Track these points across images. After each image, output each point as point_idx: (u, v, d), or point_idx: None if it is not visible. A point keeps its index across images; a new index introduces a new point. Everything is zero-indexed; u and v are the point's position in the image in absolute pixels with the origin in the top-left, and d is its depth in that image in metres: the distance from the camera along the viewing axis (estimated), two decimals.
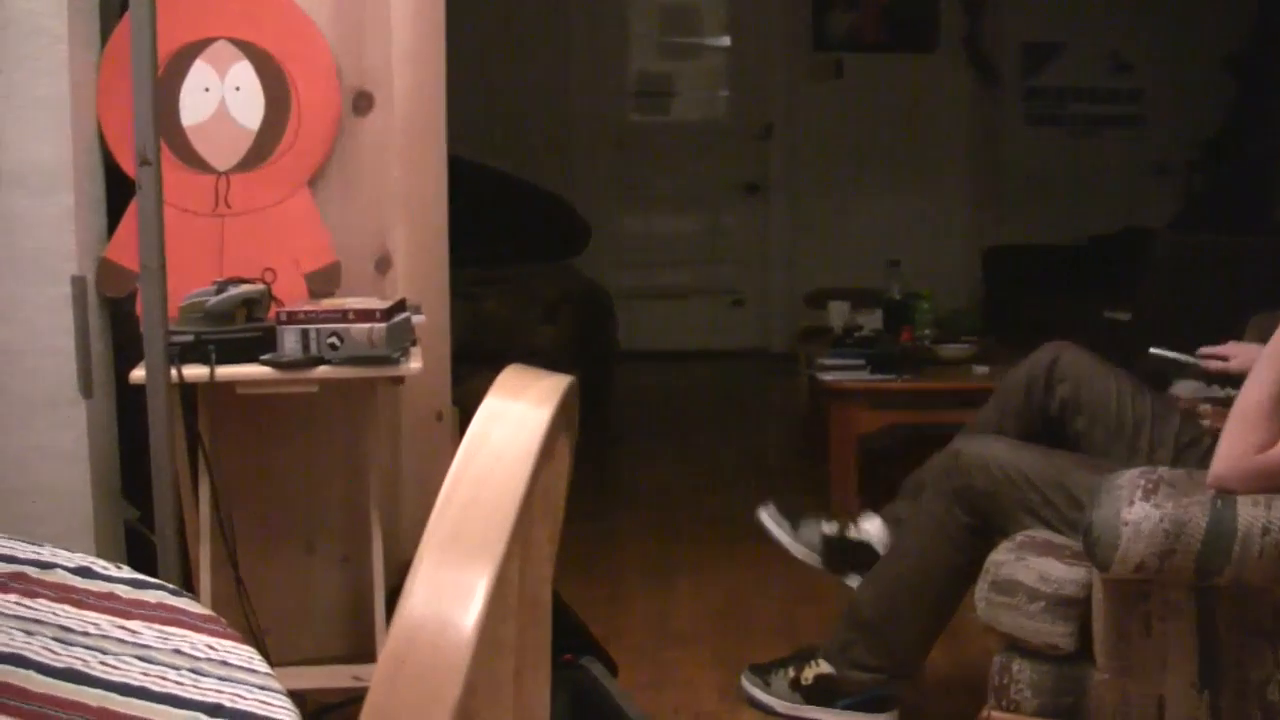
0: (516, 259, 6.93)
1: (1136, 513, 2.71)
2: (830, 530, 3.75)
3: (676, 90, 9.31)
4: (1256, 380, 2.85)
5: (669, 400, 8.11)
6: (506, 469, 1.07)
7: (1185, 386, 3.93)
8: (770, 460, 6.58)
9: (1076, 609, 2.94)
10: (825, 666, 3.59)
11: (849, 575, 3.69)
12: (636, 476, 6.37)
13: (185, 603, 1.56)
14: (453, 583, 1.01)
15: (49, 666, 1.37)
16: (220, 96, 3.47)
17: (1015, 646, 3.05)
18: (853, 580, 3.66)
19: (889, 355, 5.44)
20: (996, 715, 3.04)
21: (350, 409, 3.55)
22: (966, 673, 3.80)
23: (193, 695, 1.32)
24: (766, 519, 3.86)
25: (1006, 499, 3.25)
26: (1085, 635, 2.93)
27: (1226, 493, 2.73)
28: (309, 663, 3.45)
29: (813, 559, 3.75)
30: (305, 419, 3.58)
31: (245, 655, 1.42)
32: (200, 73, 3.46)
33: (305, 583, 3.69)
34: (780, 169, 9.06)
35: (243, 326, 3.19)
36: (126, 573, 1.63)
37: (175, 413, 3.08)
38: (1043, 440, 3.44)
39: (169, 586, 1.60)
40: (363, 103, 3.57)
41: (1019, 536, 3.17)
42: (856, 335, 5.81)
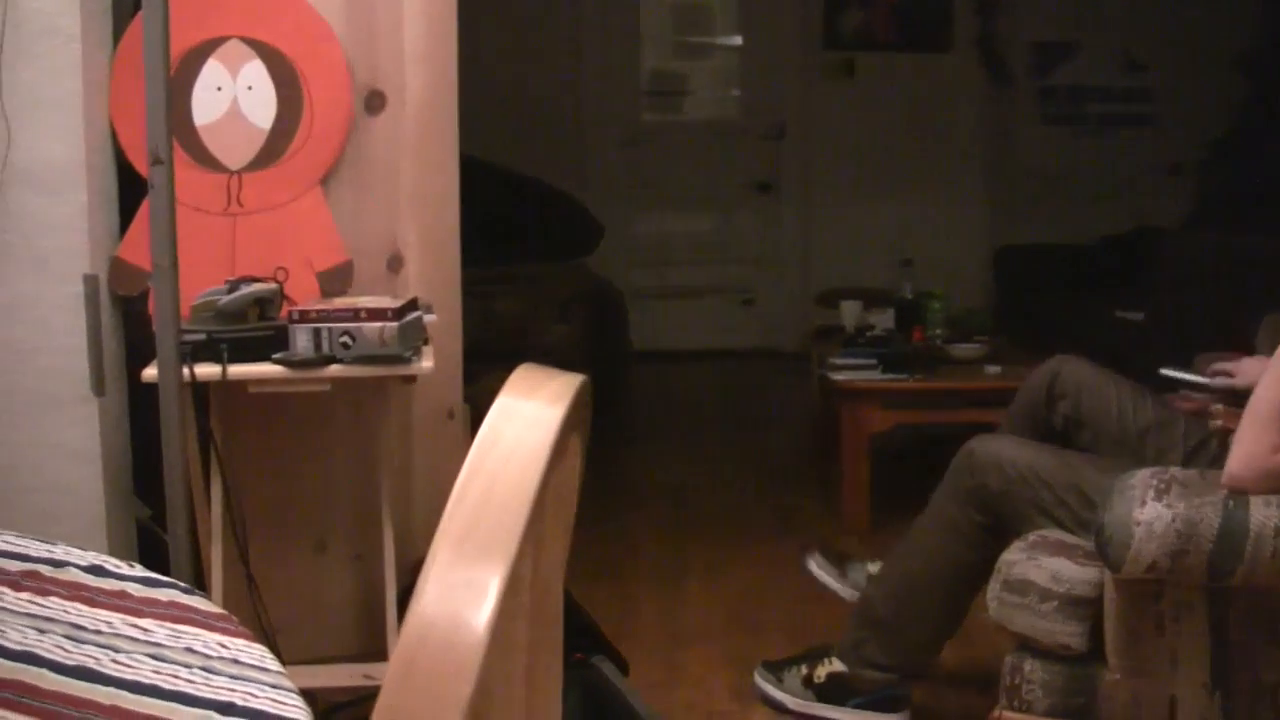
0: (528, 258, 6.92)
1: (1149, 513, 2.70)
2: (876, 569, 3.77)
3: (689, 90, 9.31)
4: (1272, 381, 2.84)
5: (680, 399, 8.10)
6: (519, 468, 1.07)
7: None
8: (781, 460, 6.57)
9: (1089, 609, 2.94)
10: (838, 664, 3.59)
11: None
12: (647, 475, 6.36)
13: (197, 601, 1.56)
14: (465, 581, 1.01)
15: (61, 664, 1.37)
16: (232, 95, 3.47)
17: (1027, 646, 3.05)
18: None
19: (901, 355, 5.43)
20: (1008, 715, 3.03)
21: (362, 408, 3.55)
22: (978, 672, 3.79)
23: (205, 693, 1.32)
24: (815, 567, 3.92)
25: (1020, 498, 3.25)
26: (1097, 635, 2.93)
27: (1241, 493, 2.72)
28: (320, 661, 3.45)
29: None
30: (317, 418, 3.58)
31: (257, 653, 1.42)
32: (213, 72, 3.47)
33: (316, 581, 3.69)
34: (792, 168, 9.05)
35: (255, 325, 3.19)
36: (138, 571, 1.64)
37: (187, 411, 3.09)
38: None
39: (181, 585, 1.61)
40: (375, 101, 3.57)
41: (1031, 536, 3.16)
42: (868, 335, 5.79)
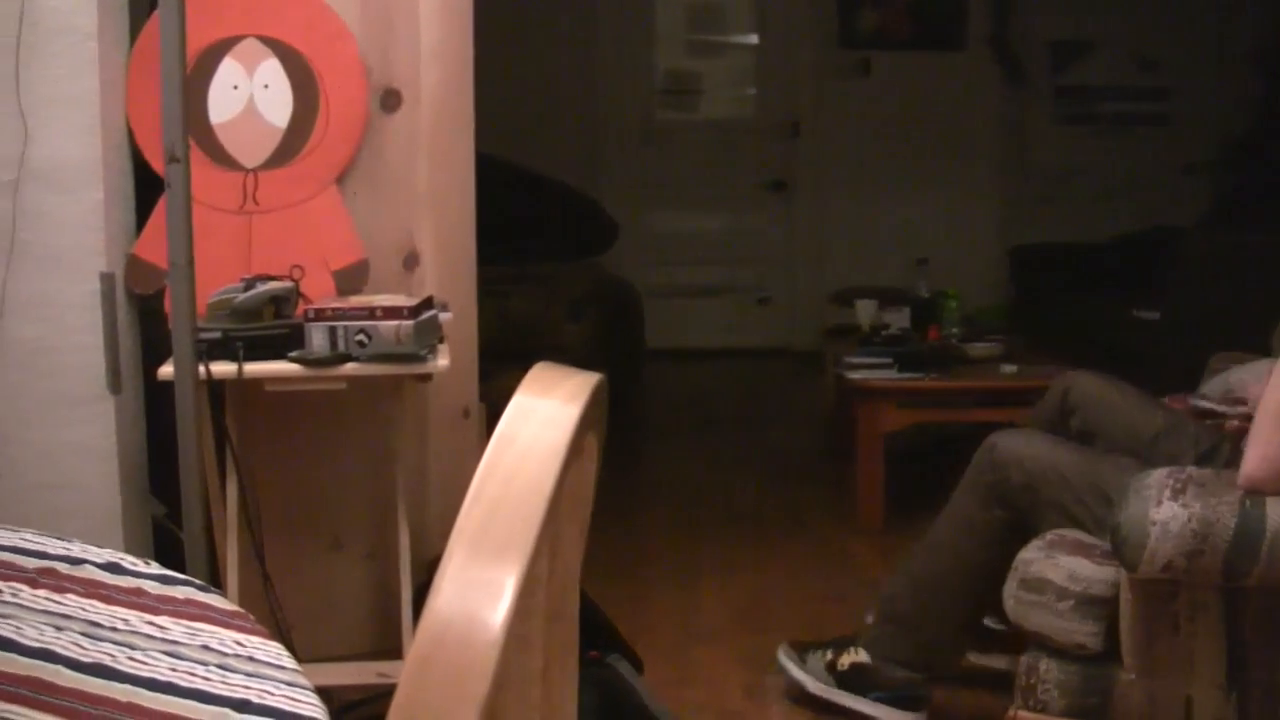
0: (543, 256, 6.93)
1: (1165, 512, 2.70)
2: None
3: (703, 88, 9.30)
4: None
5: (695, 398, 8.10)
6: (535, 466, 1.06)
7: (1212, 388, 3.92)
8: (796, 459, 6.57)
9: (1105, 609, 2.93)
10: (863, 656, 3.58)
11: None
12: (662, 474, 6.36)
13: (213, 598, 1.56)
14: (481, 580, 1.01)
15: (78, 661, 1.37)
16: (249, 94, 3.48)
17: (1042, 646, 3.04)
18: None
19: (916, 354, 5.42)
20: (1023, 715, 3.03)
21: (377, 406, 3.55)
22: (992, 672, 3.78)
23: (220, 691, 1.32)
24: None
25: (1039, 495, 3.24)
26: (1113, 635, 2.92)
27: (1258, 493, 2.71)
28: (334, 659, 3.45)
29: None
30: (332, 416, 3.58)
31: (273, 651, 1.42)
32: (229, 70, 3.47)
33: (331, 579, 3.69)
34: (807, 167, 9.04)
35: (270, 323, 3.20)
36: (155, 568, 1.64)
37: (203, 409, 3.09)
38: None
39: (197, 582, 1.61)
40: (391, 100, 3.57)
41: (1049, 535, 3.15)
42: (884, 334, 5.79)
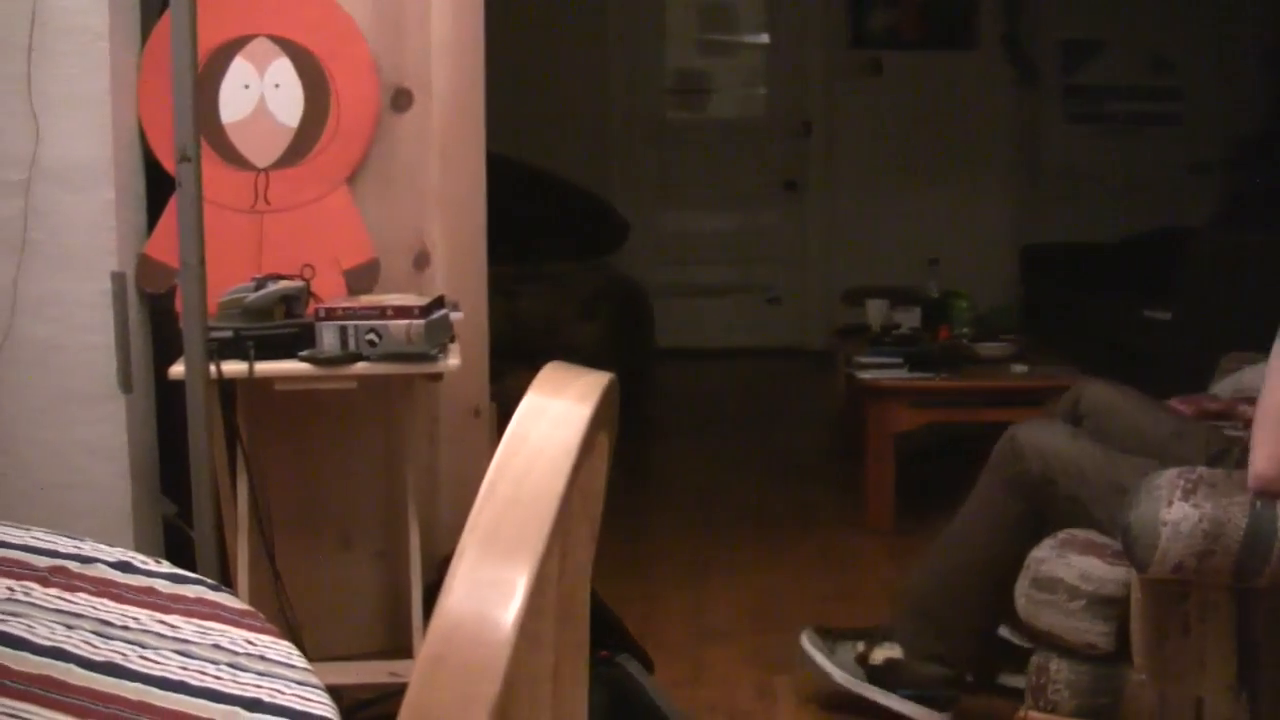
0: (554, 256, 6.93)
1: (1175, 513, 2.69)
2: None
3: (714, 88, 9.29)
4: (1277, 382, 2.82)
5: (705, 398, 8.09)
6: (547, 465, 1.06)
7: (1224, 389, 3.91)
8: (806, 458, 6.56)
9: (1116, 609, 2.92)
10: (897, 651, 3.51)
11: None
12: (673, 474, 6.36)
13: (224, 597, 1.56)
14: (492, 579, 1.01)
15: (89, 660, 1.37)
16: (260, 93, 3.48)
17: (1053, 645, 3.04)
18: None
19: (927, 353, 5.41)
20: (1034, 715, 3.02)
21: (388, 405, 3.55)
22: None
23: (231, 690, 1.32)
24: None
25: (1058, 487, 3.21)
26: (1124, 635, 2.92)
27: (1269, 494, 2.70)
28: (345, 658, 3.45)
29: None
30: (343, 415, 3.59)
31: (284, 650, 1.42)
32: (240, 70, 3.47)
33: (342, 578, 3.70)
34: (818, 167, 9.03)
35: (281, 323, 3.20)
36: (166, 567, 1.64)
37: (214, 408, 3.09)
38: None
39: (208, 581, 1.61)
40: (402, 100, 3.57)
41: (1061, 534, 3.14)
42: (894, 333, 5.78)
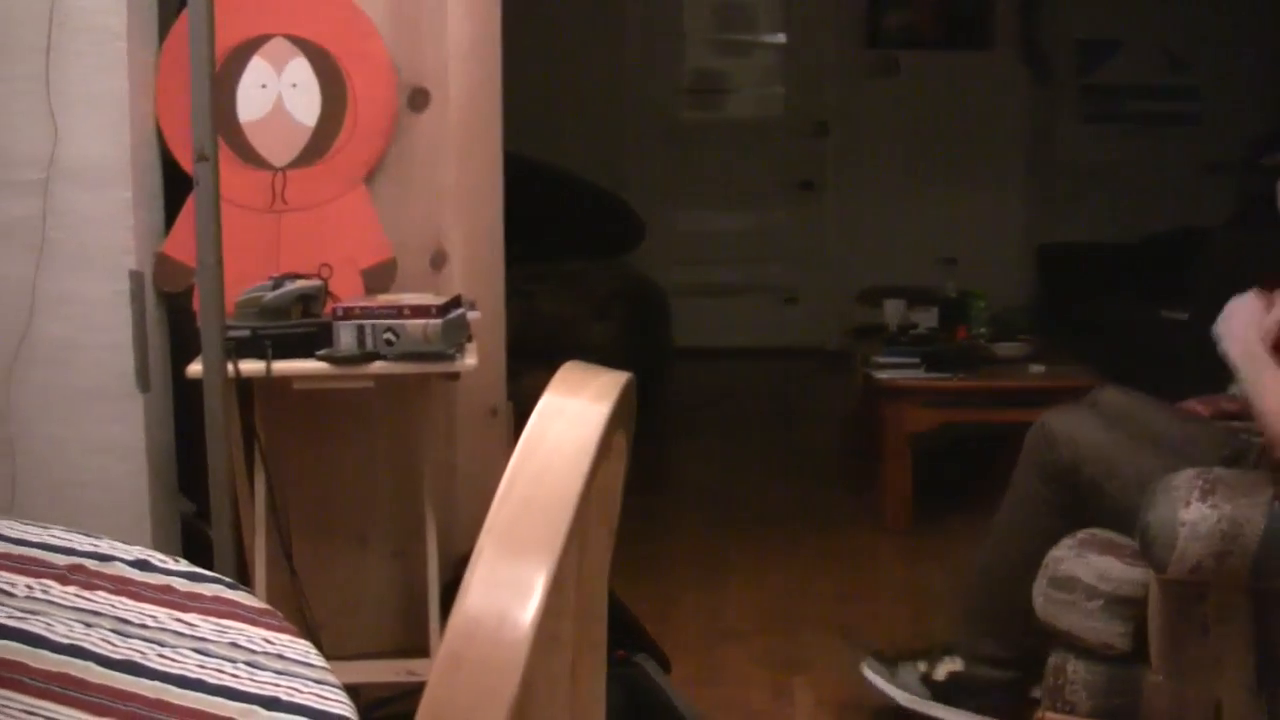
0: (571, 256, 6.93)
1: (1193, 513, 2.69)
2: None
3: (731, 87, 9.29)
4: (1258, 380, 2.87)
5: (722, 397, 8.09)
6: (565, 465, 1.07)
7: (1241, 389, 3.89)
8: (823, 458, 6.56)
9: (1134, 609, 2.91)
10: (958, 664, 3.47)
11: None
12: (689, 473, 6.36)
13: (241, 596, 1.57)
14: (511, 579, 1.01)
15: (107, 658, 1.37)
16: (277, 93, 3.49)
17: (1071, 646, 3.03)
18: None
19: (944, 353, 5.41)
20: (1051, 717, 3.02)
21: (405, 404, 3.56)
22: None
23: (249, 688, 1.32)
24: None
25: (1082, 475, 3.19)
26: (1142, 636, 2.91)
27: None
28: (362, 656, 3.46)
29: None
30: (360, 414, 3.59)
31: (301, 649, 1.43)
32: (257, 69, 3.48)
33: (359, 577, 3.70)
34: (834, 166, 9.02)
35: (299, 322, 3.21)
36: (183, 566, 1.64)
37: (231, 407, 3.10)
38: None
39: (226, 580, 1.61)
40: (419, 99, 3.57)
41: (1081, 534, 3.12)
42: (911, 333, 5.78)
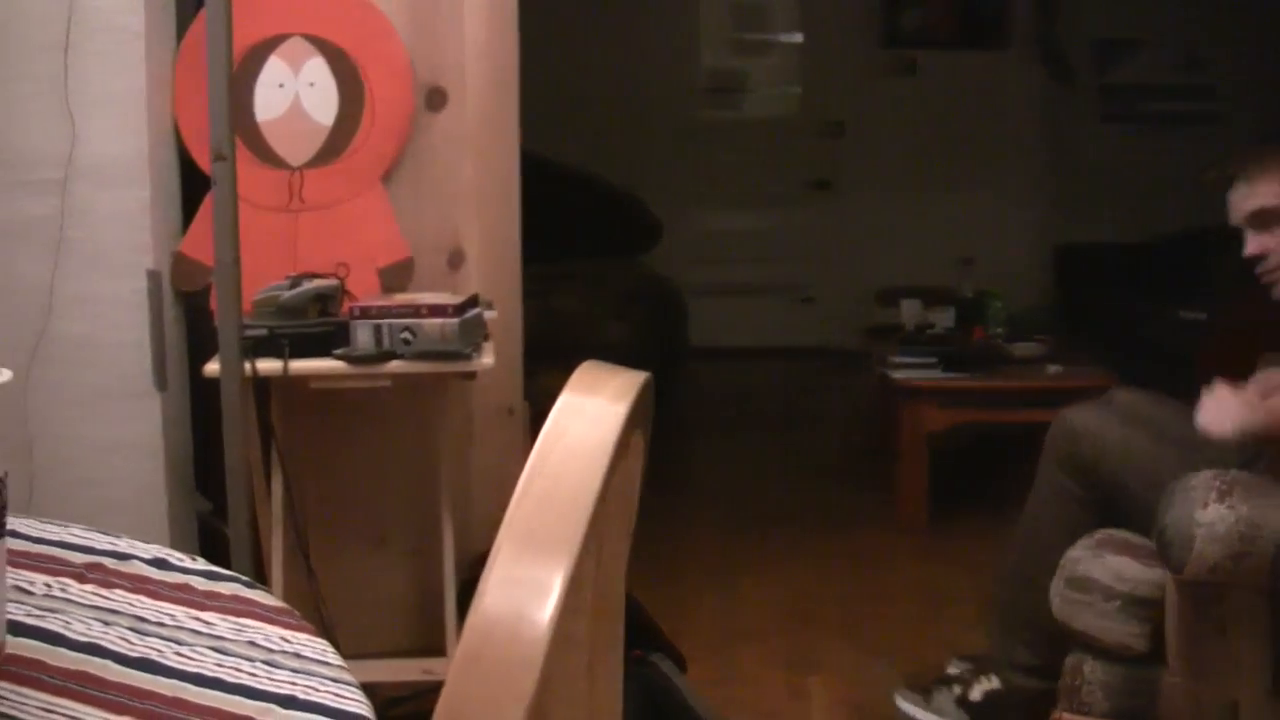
0: (588, 255, 6.93)
1: (1211, 514, 2.68)
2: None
3: (748, 87, 9.29)
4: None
5: (738, 397, 8.09)
6: (582, 464, 1.06)
7: None
8: (839, 458, 6.55)
9: (1151, 610, 2.91)
10: (995, 682, 3.43)
11: None
12: (705, 473, 6.36)
13: (259, 595, 1.57)
14: (528, 578, 1.01)
15: (125, 656, 1.37)
16: (294, 92, 3.49)
17: (1088, 647, 3.02)
18: None
19: (961, 353, 5.41)
20: (1068, 717, 3.01)
21: (422, 404, 3.56)
22: None
23: (266, 687, 1.32)
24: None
25: (1101, 469, 3.18)
26: (1159, 637, 2.90)
27: None
28: (379, 655, 3.46)
29: None
30: (377, 413, 3.59)
31: (319, 648, 1.43)
32: (274, 69, 3.48)
33: (375, 575, 3.70)
34: (851, 166, 9.02)
35: (316, 321, 3.21)
36: (201, 564, 1.64)
37: (248, 406, 3.10)
38: None
39: (243, 578, 1.61)
40: (436, 99, 3.58)
41: (1098, 534, 3.12)
42: (928, 333, 5.78)
